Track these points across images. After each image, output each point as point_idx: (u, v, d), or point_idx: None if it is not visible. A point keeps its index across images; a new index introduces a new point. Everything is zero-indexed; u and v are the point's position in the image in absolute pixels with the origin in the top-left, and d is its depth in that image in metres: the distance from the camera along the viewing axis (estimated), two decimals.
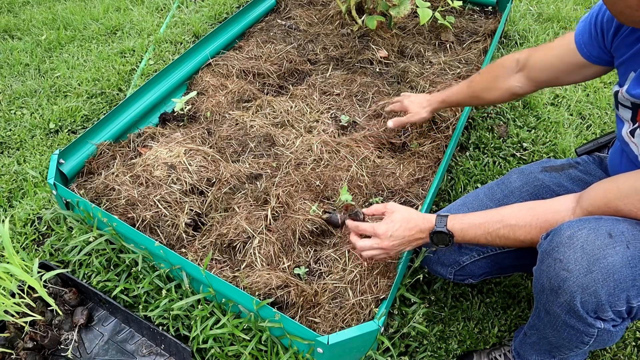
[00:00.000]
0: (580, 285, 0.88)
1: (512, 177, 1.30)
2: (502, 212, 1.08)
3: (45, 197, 1.77)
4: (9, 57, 2.58)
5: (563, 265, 0.90)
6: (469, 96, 1.53)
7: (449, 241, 1.13)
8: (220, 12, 2.80)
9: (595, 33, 1.11)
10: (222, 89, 2.07)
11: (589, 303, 0.89)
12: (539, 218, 1.03)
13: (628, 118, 1.01)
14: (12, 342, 1.32)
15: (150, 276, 1.44)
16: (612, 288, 0.87)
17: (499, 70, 1.41)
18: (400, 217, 1.18)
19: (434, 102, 1.66)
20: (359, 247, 1.21)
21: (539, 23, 2.72)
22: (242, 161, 1.76)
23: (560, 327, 0.98)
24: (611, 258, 0.86)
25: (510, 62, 1.37)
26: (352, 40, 2.36)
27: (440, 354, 1.38)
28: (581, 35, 1.15)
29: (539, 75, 1.30)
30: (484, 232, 1.09)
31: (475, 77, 1.51)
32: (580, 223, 0.92)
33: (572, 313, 0.92)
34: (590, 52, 1.14)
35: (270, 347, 1.29)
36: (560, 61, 1.22)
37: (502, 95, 1.42)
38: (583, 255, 0.88)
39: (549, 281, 0.93)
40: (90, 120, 2.17)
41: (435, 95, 1.66)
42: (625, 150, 1.06)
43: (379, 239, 1.18)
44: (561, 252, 0.91)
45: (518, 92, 1.38)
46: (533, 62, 1.30)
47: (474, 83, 1.50)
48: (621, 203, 0.92)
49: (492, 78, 1.43)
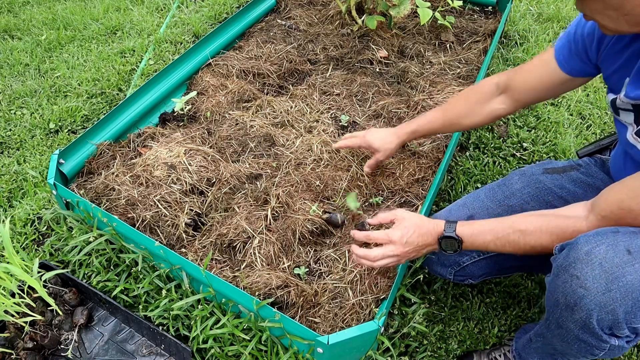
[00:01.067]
0: (598, 303, 0.87)
1: (513, 178, 1.29)
2: (512, 218, 1.07)
3: (45, 197, 1.77)
4: (9, 57, 2.58)
5: (580, 283, 0.89)
6: (445, 124, 1.45)
7: (457, 247, 1.11)
8: (220, 12, 2.80)
9: (576, 48, 1.12)
10: (222, 89, 2.07)
11: (605, 321, 0.88)
12: (550, 224, 1.02)
13: (631, 121, 1.01)
14: (12, 342, 1.32)
15: (150, 276, 1.44)
16: (630, 306, 0.86)
17: (478, 96, 1.38)
18: (413, 222, 1.16)
19: (402, 134, 1.53)
20: (372, 256, 1.17)
21: (539, 23, 2.72)
22: (242, 161, 1.76)
23: (572, 341, 0.97)
24: (630, 277, 0.85)
25: (489, 86, 1.35)
26: (352, 40, 2.36)
27: (440, 354, 1.38)
28: (561, 52, 1.16)
29: (524, 96, 1.29)
30: (494, 238, 1.07)
31: (450, 104, 1.45)
32: (597, 237, 0.90)
33: (587, 330, 0.91)
34: (572, 67, 1.15)
35: (270, 347, 1.29)
36: (543, 80, 1.22)
37: (483, 119, 1.39)
38: (601, 273, 0.87)
39: (564, 297, 0.92)
40: (90, 120, 2.17)
41: (403, 127, 1.54)
42: (629, 153, 1.06)
43: (394, 245, 1.14)
44: (578, 268, 0.89)
45: (501, 114, 1.36)
46: (515, 84, 1.29)
47: (449, 111, 1.44)
48: (634, 203, 0.91)
49: (471, 104, 1.39)
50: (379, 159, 1.57)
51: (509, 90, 1.32)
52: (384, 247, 1.16)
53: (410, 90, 2.09)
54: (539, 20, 2.74)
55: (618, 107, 1.02)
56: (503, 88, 1.33)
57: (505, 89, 1.33)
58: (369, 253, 1.17)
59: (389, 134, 1.54)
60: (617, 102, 1.01)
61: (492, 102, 1.36)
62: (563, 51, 1.16)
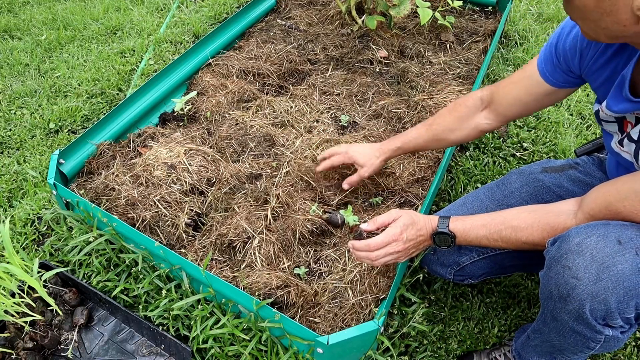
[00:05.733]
0: (590, 293, 0.88)
1: (512, 177, 1.30)
2: (505, 214, 1.09)
3: (45, 197, 1.77)
4: (9, 57, 2.58)
5: (572, 273, 0.89)
6: (429, 140, 1.42)
7: (450, 242, 1.13)
8: (220, 12, 2.80)
9: (558, 61, 1.11)
10: (222, 89, 2.07)
11: (598, 311, 0.89)
12: (541, 220, 1.03)
13: (615, 130, 1.02)
14: (12, 342, 1.32)
15: (150, 276, 1.44)
16: (622, 296, 0.86)
17: (462, 110, 1.36)
18: (409, 218, 1.17)
19: (386, 150, 1.49)
20: (374, 256, 1.17)
21: (539, 23, 2.72)
22: (242, 161, 1.76)
23: (567, 333, 0.98)
24: (621, 266, 0.86)
25: (474, 100, 1.34)
26: (352, 40, 2.36)
27: (440, 354, 1.38)
28: (544, 65, 1.15)
29: (508, 110, 1.28)
30: (486, 233, 1.09)
31: (435, 120, 1.42)
32: (588, 229, 0.91)
33: (581, 320, 0.92)
34: (556, 79, 1.14)
35: (270, 347, 1.29)
36: (528, 93, 1.21)
37: (468, 134, 1.37)
38: (592, 262, 0.88)
39: (557, 288, 0.93)
40: (90, 120, 2.17)
41: (387, 143, 1.50)
42: (618, 160, 1.07)
43: (395, 242, 1.15)
44: (570, 259, 0.90)
45: (486, 128, 1.35)
46: (499, 98, 1.28)
47: (434, 126, 1.41)
48: (621, 205, 0.92)
49: (455, 119, 1.37)
50: (363, 175, 1.52)
51: (493, 104, 1.30)
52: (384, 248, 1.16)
53: (410, 90, 2.09)
54: (539, 20, 2.74)
55: (601, 118, 1.03)
56: (487, 102, 1.32)
57: (489, 103, 1.31)
58: (370, 254, 1.18)
59: (373, 149, 1.50)
60: (600, 114, 1.02)
61: (476, 117, 1.35)
62: (547, 64, 1.15)
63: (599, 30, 0.84)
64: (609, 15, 0.79)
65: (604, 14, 0.79)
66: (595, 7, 0.79)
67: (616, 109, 0.96)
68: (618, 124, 1.00)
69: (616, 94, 0.96)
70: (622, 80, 0.94)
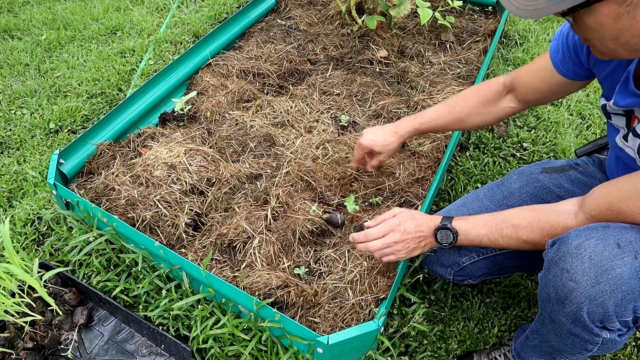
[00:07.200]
0: (588, 296, 0.88)
1: (512, 178, 1.30)
2: (506, 213, 1.10)
3: (45, 197, 1.77)
4: (9, 57, 2.58)
5: (570, 276, 0.89)
6: (451, 121, 1.40)
7: (452, 239, 1.14)
8: (220, 12, 2.80)
9: (569, 52, 1.12)
10: (222, 89, 2.07)
11: (595, 314, 0.88)
12: (541, 219, 1.03)
13: (623, 125, 1.02)
14: (12, 342, 1.32)
15: (150, 276, 1.44)
16: (620, 299, 0.86)
17: (487, 95, 1.35)
18: (409, 213, 1.20)
19: (403, 132, 1.44)
20: (372, 246, 1.19)
21: (539, 23, 2.71)
22: (242, 161, 1.76)
23: (565, 335, 0.98)
24: (619, 269, 0.86)
25: (497, 85, 1.34)
26: (352, 40, 2.36)
27: (440, 354, 1.38)
28: (556, 54, 1.16)
29: (528, 96, 1.29)
30: (487, 232, 1.10)
31: (457, 102, 1.39)
32: (587, 232, 0.91)
33: (578, 323, 0.92)
34: (567, 69, 1.15)
35: (270, 347, 1.29)
36: (544, 82, 1.22)
37: (491, 118, 1.38)
38: (591, 266, 0.87)
39: (555, 291, 0.93)
40: (90, 120, 2.17)
41: (404, 123, 1.45)
42: (620, 156, 1.07)
43: (392, 233, 1.16)
44: (568, 262, 0.90)
45: (510, 112, 1.36)
46: (519, 84, 1.29)
47: (457, 109, 1.38)
48: (624, 205, 0.92)
49: (479, 103, 1.36)
50: (382, 160, 1.53)
51: (515, 90, 1.32)
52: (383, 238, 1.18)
53: (410, 90, 2.09)
54: (539, 20, 2.74)
55: (609, 112, 1.03)
56: (509, 87, 1.33)
57: (511, 88, 1.33)
58: (368, 244, 1.20)
59: (388, 133, 1.46)
60: (607, 107, 1.03)
61: (500, 102, 1.36)
62: (558, 54, 1.15)
63: (617, 46, 0.82)
64: (628, 30, 0.78)
65: (623, 29, 0.78)
66: (613, 24, 0.78)
67: (623, 104, 0.96)
68: (626, 118, 1.00)
69: (623, 89, 0.96)
70: (627, 76, 0.94)
